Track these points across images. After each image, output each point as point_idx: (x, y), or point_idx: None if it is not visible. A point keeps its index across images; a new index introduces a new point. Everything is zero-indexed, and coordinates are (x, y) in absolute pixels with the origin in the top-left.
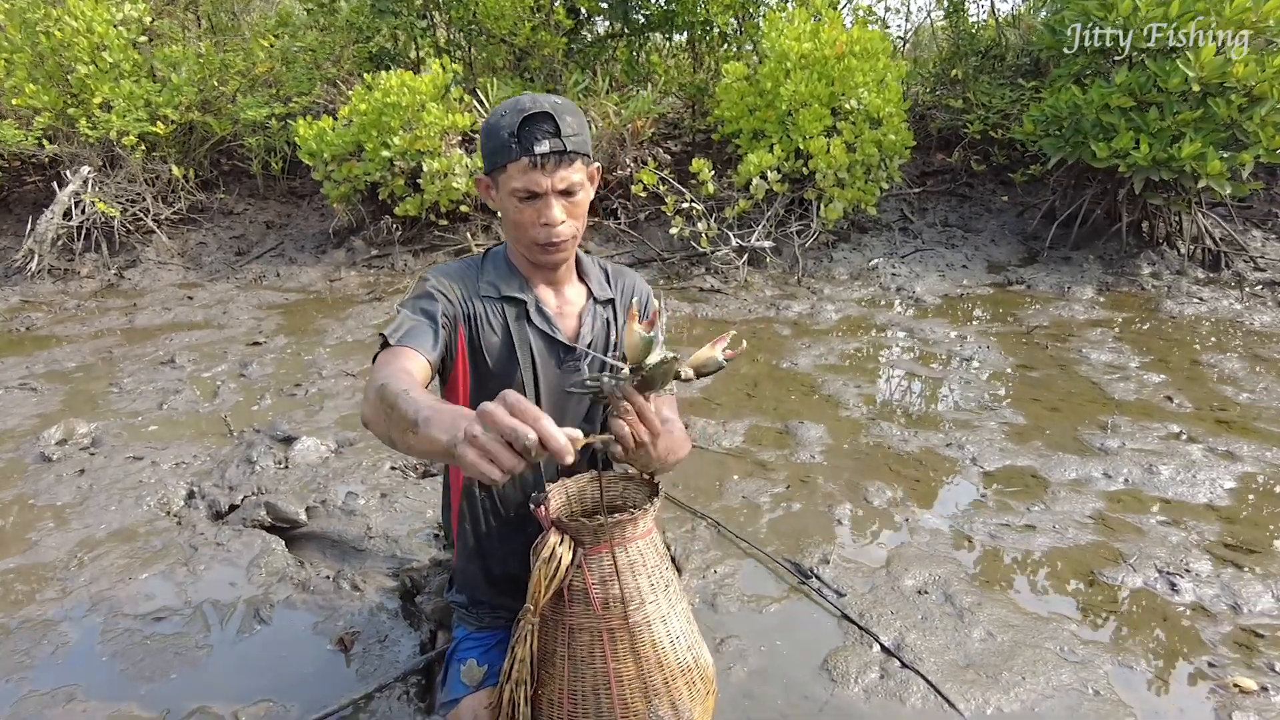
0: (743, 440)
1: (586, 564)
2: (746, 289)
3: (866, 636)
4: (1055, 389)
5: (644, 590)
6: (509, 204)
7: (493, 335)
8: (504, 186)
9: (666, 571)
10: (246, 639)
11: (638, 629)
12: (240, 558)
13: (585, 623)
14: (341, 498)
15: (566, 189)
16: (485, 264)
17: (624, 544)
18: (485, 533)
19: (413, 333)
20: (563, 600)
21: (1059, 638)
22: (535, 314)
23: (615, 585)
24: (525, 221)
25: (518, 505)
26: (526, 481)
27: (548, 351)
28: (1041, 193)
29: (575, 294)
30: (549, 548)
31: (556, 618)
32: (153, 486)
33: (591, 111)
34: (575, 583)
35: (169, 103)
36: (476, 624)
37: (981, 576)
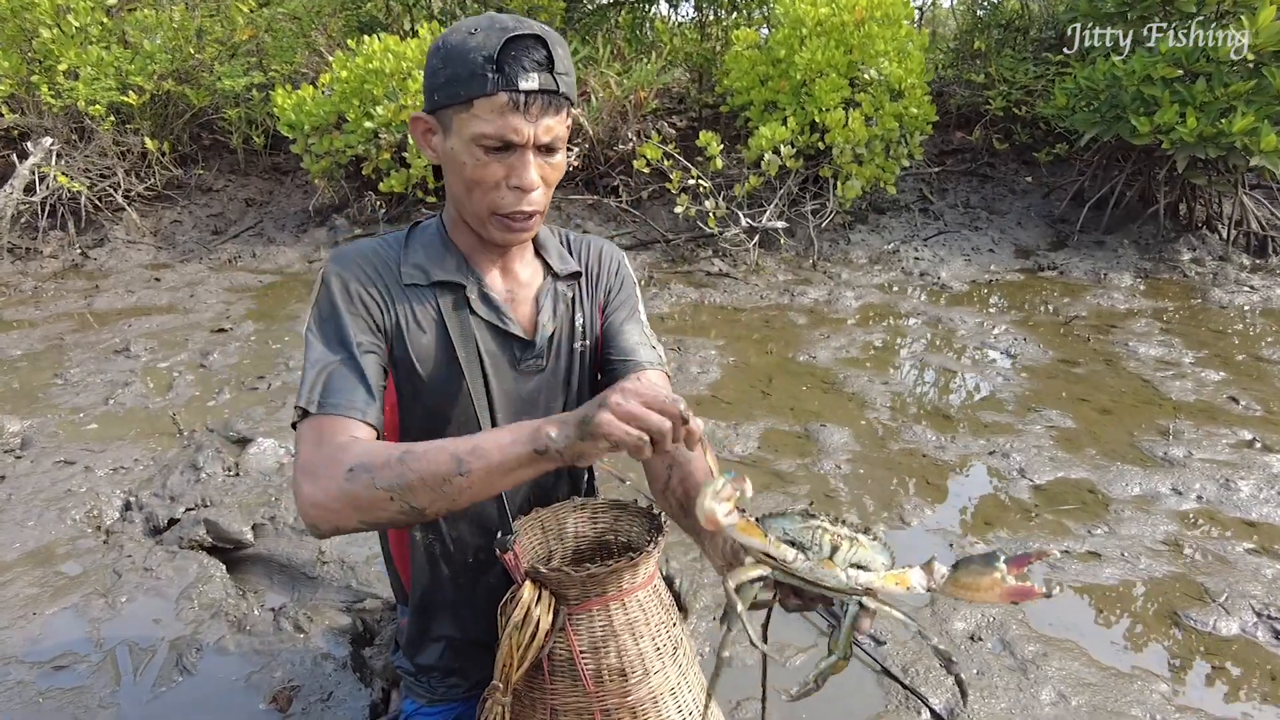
0: (757, 446)
1: (572, 626)
2: (757, 273)
3: (913, 699)
4: (1103, 387)
5: (648, 657)
6: (467, 155)
7: (422, 336)
8: (462, 130)
9: (675, 630)
10: (163, 694)
11: (640, 708)
12: (170, 587)
13: (573, 702)
14: (293, 515)
15: (549, 144)
16: (410, 242)
17: (620, 598)
18: (435, 585)
19: (337, 388)
20: (541, 673)
21: (1148, 701)
22: (479, 301)
23: (610, 653)
24: (488, 181)
25: (476, 549)
26: (486, 517)
27: (499, 349)
28: (1067, 173)
29: (529, 273)
30: (522, 608)
31: (534, 695)
32: (82, 497)
33: (591, 82)
34: (558, 651)
35: (141, 71)
36: (429, 696)
37: (1043, 618)
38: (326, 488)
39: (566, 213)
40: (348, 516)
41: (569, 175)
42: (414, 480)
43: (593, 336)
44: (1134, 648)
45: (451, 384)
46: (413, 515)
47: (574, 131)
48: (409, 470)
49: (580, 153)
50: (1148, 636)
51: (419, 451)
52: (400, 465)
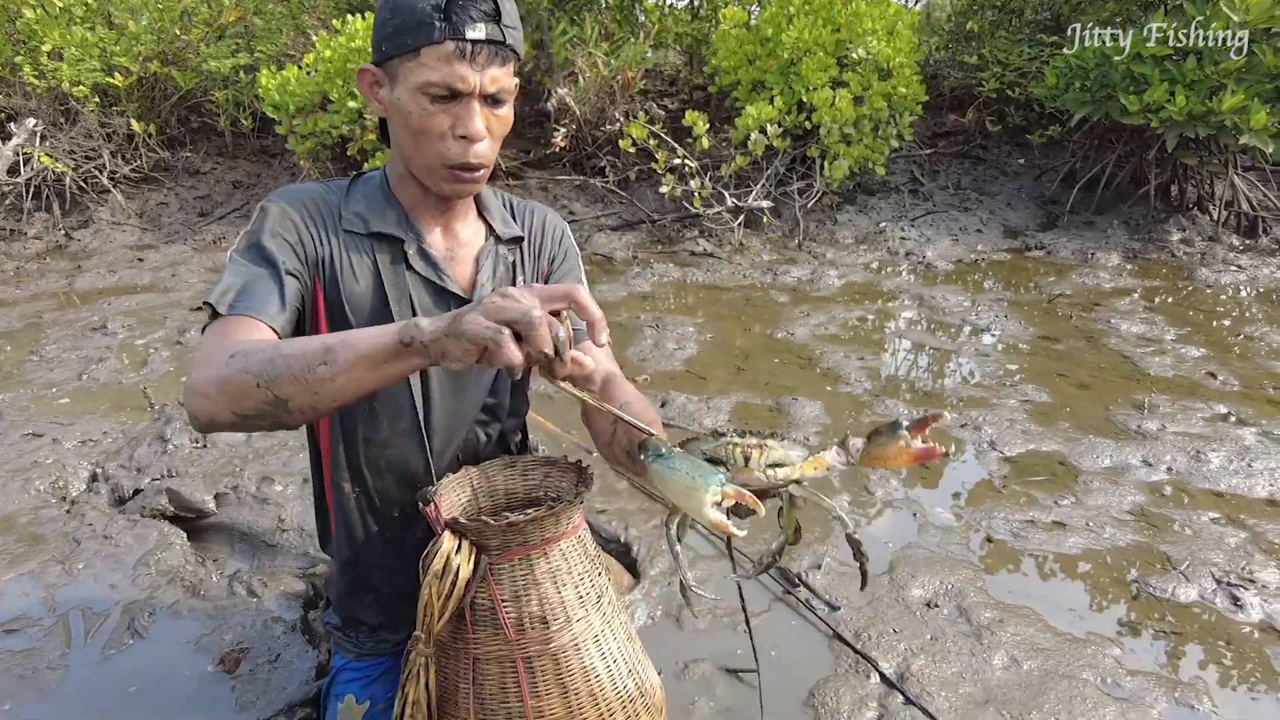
0: (728, 419)
1: (493, 576)
2: (741, 253)
3: (863, 663)
4: (1082, 363)
5: (570, 605)
6: (414, 105)
7: (356, 284)
8: (409, 79)
9: (599, 579)
10: (112, 656)
11: (563, 655)
12: (129, 554)
13: (494, 650)
14: (255, 484)
15: (496, 94)
16: (353, 191)
17: (543, 547)
18: (363, 538)
19: (250, 294)
20: (464, 623)
21: (1100, 666)
22: (417, 258)
23: (532, 601)
24: (434, 130)
25: (402, 504)
26: (412, 472)
27: (435, 306)
28: (1060, 155)
29: (471, 233)
30: (441, 557)
31: (458, 646)
32: (48, 468)
33: (579, 62)
34: (480, 600)
35: (126, 52)
36: (356, 650)
37: (1003, 586)
38: (206, 374)
39: (553, 193)
40: (221, 405)
41: (556, 156)
42: (281, 368)
43: None
44: (1091, 614)
45: None
46: (277, 410)
47: (561, 112)
48: (279, 356)
49: (567, 133)
50: (1106, 603)
51: (294, 340)
52: (273, 351)
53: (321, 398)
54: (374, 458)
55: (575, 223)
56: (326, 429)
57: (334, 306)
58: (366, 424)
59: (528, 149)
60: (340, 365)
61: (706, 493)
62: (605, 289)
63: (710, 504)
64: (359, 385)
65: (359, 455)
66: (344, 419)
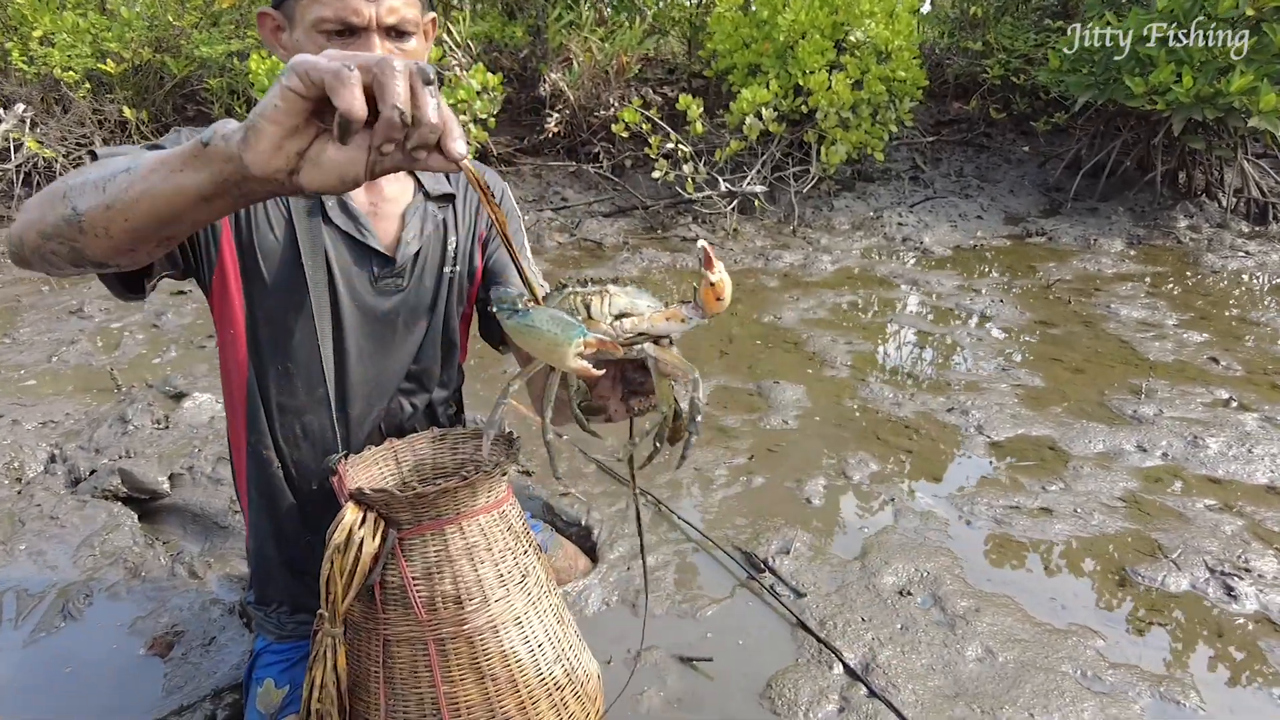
0: (706, 403)
1: (403, 551)
2: (735, 239)
3: (826, 653)
4: (1079, 348)
5: (487, 584)
6: (310, 45)
7: (270, 235)
8: (303, 17)
9: (525, 558)
10: (42, 640)
11: (479, 637)
12: (74, 535)
13: (405, 631)
14: (211, 465)
15: (396, 25)
16: None
17: (458, 521)
18: (281, 511)
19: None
20: (375, 602)
21: (1080, 658)
22: (336, 209)
23: (446, 579)
24: None
25: (321, 475)
26: (330, 443)
27: (354, 263)
28: (1066, 142)
29: (398, 189)
30: (343, 530)
31: (369, 626)
32: (4, 449)
33: (573, 47)
34: (390, 578)
35: (118, 39)
36: (277, 632)
37: (982, 574)
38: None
39: (546, 180)
40: (29, 221)
41: (550, 141)
42: (89, 177)
43: (466, 264)
44: (1074, 604)
45: (295, 292)
46: (72, 229)
47: (555, 98)
48: (91, 168)
49: (561, 119)
50: (1090, 593)
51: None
52: (87, 166)
53: (114, 214)
54: (289, 425)
55: (567, 209)
56: (243, 394)
57: (246, 250)
58: (280, 389)
59: (522, 136)
60: (137, 173)
61: (570, 346)
62: (591, 274)
63: (574, 355)
64: (153, 204)
65: (275, 423)
66: (260, 383)
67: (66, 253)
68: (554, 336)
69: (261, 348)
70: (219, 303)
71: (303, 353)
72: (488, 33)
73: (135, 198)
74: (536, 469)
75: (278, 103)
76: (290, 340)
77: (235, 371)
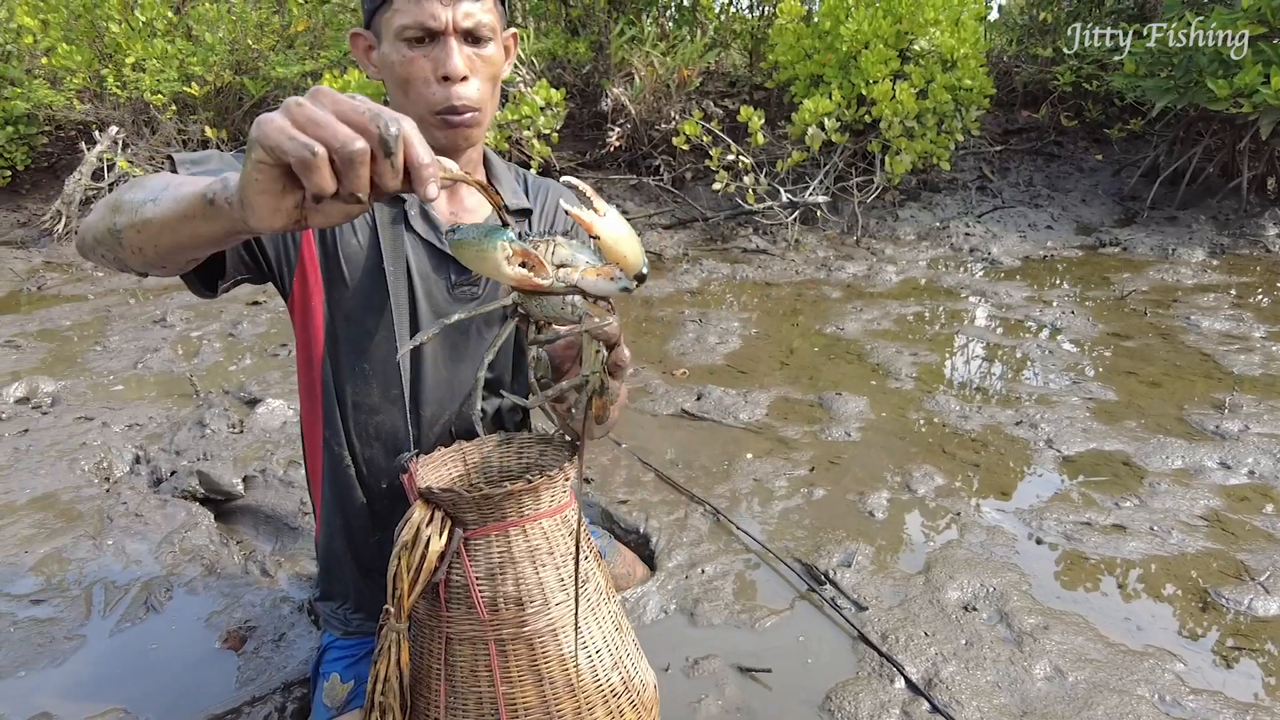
0: (765, 414)
1: (468, 551)
2: (796, 249)
3: (888, 667)
4: (1156, 361)
5: (548, 587)
6: (395, 54)
7: (353, 239)
8: (387, 30)
9: (585, 563)
10: (126, 630)
11: (538, 639)
12: (156, 532)
13: (467, 631)
14: (283, 468)
15: (472, 29)
16: None
17: (521, 524)
18: (351, 509)
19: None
20: (439, 601)
21: (1158, 682)
22: (419, 218)
23: (508, 580)
24: (417, 77)
25: (391, 474)
26: (400, 441)
27: (433, 270)
28: (1142, 149)
29: (477, 201)
30: (411, 528)
31: (432, 624)
32: (95, 449)
33: (635, 62)
34: (455, 577)
35: (202, 62)
36: (343, 628)
37: (1051, 591)
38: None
39: (608, 193)
40: (90, 224)
41: (611, 155)
42: (132, 196)
43: None
44: (1151, 625)
45: (375, 296)
46: (113, 240)
47: (617, 112)
48: (139, 184)
49: (622, 133)
50: (1169, 614)
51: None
52: (139, 181)
53: (144, 239)
54: (363, 424)
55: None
56: (320, 390)
57: (329, 255)
58: (357, 388)
59: (584, 150)
60: (161, 206)
61: (496, 250)
62: (651, 285)
63: (503, 260)
64: (172, 236)
65: (350, 422)
66: (337, 382)
67: (112, 259)
68: (479, 243)
69: (340, 347)
70: (299, 304)
71: (380, 354)
72: (551, 49)
73: (159, 230)
74: (595, 476)
75: (256, 176)
76: (369, 341)
77: (313, 369)
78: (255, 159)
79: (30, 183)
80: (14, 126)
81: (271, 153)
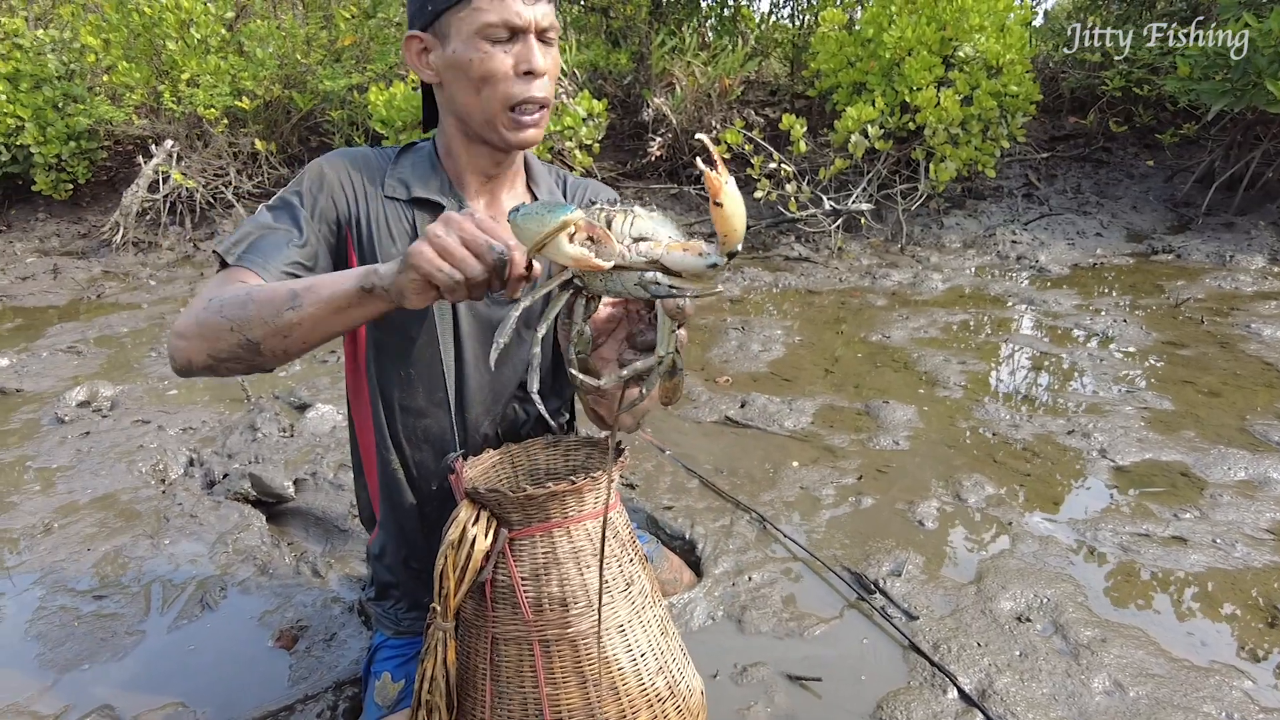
0: (811, 421)
1: (513, 552)
2: (838, 257)
3: (940, 677)
4: (1214, 370)
5: (593, 589)
6: (473, 51)
7: (392, 247)
8: (463, 28)
9: (630, 566)
10: (183, 627)
11: (582, 641)
12: (210, 533)
13: (512, 631)
14: (333, 471)
15: (546, 30)
16: (401, 158)
17: (565, 525)
18: (402, 511)
19: (260, 247)
20: (485, 600)
21: (1225, 699)
22: None
23: (552, 581)
24: (497, 73)
25: (440, 476)
26: (448, 445)
27: None
28: (1196, 155)
29: (515, 200)
30: (458, 527)
31: (479, 624)
32: (152, 452)
33: (676, 71)
34: (500, 577)
35: (253, 77)
36: (394, 627)
37: (1108, 603)
38: (187, 317)
39: (648, 202)
40: (197, 348)
41: (652, 165)
42: (252, 312)
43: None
44: (1216, 641)
45: None
46: (249, 353)
47: (658, 122)
48: (251, 301)
49: (663, 143)
50: (1235, 629)
51: (266, 286)
52: (246, 296)
53: (291, 341)
54: (411, 427)
55: None
56: (367, 397)
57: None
58: (403, 392)
59: (625, 160)
60: (305, 310)
61: (557, 225)
62: None
63: (564, 238)
64: (326, 329)
65: (398, 425)
66: (383, 387)
67: (243, 368)
68: (542, 216)
69: (385, 353)
70: None
71: (424, 359)
72: (593, 61)
73: (310, 328)
74: (640, 483)
75: (412, 285)
76: (412, 347)
77: (360, 375)
78: (410, 276)
79: (90, 195)
80: (77, 142)
81: (423, 276)
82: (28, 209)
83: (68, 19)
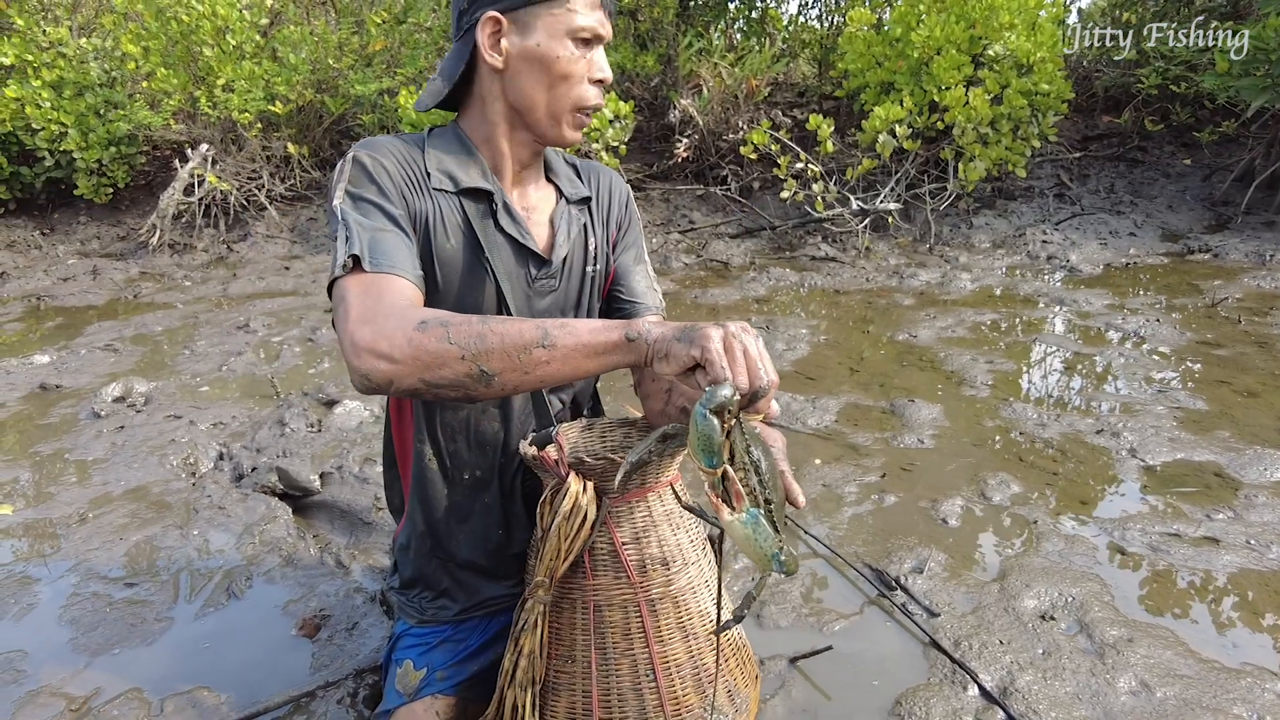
0: (835, 420)
1: (613, 518)
2: (866, 257)
3: (961, 674)
4: (1250, 369)
5: (685, 548)
6: (562, 50)
7: (447, 242)
8: (555, 26)
9: (695, 528)
10: (210, 615)
11: (683, 597)
12: (237, 524)
13: (617, 595)
14: (359, 465)
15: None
16: (430, 146)
17: (658, 489)
18: (432, 501)
19: (385, 250)
20: (578, 570)
21: (1257, 702)
22: (504, 214)
23: (652, 543)
24: (577, 74)
25: (474, 466)
26: (485, 434)
27: (516, 264)
28: (1235, 153)
29: (542, 195)
30: (570, 499)
31: (572, 596)
32: (183, 446)
33: (703, 73)
34: (599, 545)
35: (286, 82)
36: (418, 616)
37: (1135, 602)
38: (392, 336)
39: (674, 204)
40: (408, 370)
41: (679, 166)
42: (494, 343)
43: (604, 262)
44: (1247, 642)
45: (475, 294)
46: (479, 382)
47: (685, 123)
48: (491, 332)
49: (690, 144)
50: (1268, 631)
51: (505, 319)
52: (481, 325)
53: (529, 378)
54: (448, 420)
55: (694, 230)
56: None
57: (424, 258)
58: None
59: (651, 162)
60: (560, 351)
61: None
62: (717, 293)
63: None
64: (573, 371)
65: (435, 418)
66: None
67: (457, 395)
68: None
69: None
70: None
71: None
72: (620, 63)
73: (555, 369)
74: None
75: (677, 354)
76: None
77: None
78: (690, 352)
79: (129, 199)
80: (117, 147)
81: (702, 359)
82: (70, 212)
83: (109, 28)
